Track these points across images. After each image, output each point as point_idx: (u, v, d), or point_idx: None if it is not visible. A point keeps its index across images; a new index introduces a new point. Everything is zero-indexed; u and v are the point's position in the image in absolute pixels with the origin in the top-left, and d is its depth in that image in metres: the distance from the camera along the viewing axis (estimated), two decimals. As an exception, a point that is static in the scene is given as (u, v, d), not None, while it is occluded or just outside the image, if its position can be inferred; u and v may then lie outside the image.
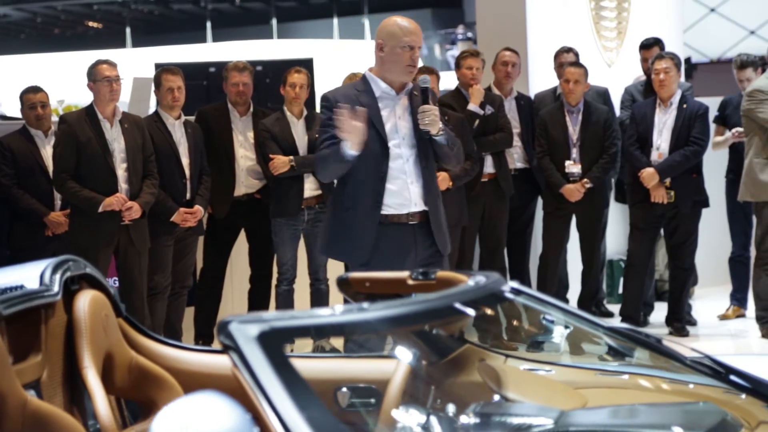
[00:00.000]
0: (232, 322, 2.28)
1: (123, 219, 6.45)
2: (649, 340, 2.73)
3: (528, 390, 2.92)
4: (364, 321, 2.43)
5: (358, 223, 4.84)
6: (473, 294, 2.68)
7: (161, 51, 21.27)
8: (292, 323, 2.36)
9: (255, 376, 2.19)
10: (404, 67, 4.80)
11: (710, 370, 2.69)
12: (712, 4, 18.90)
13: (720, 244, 8.53)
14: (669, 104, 7.48)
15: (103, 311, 3.27)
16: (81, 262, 3.40)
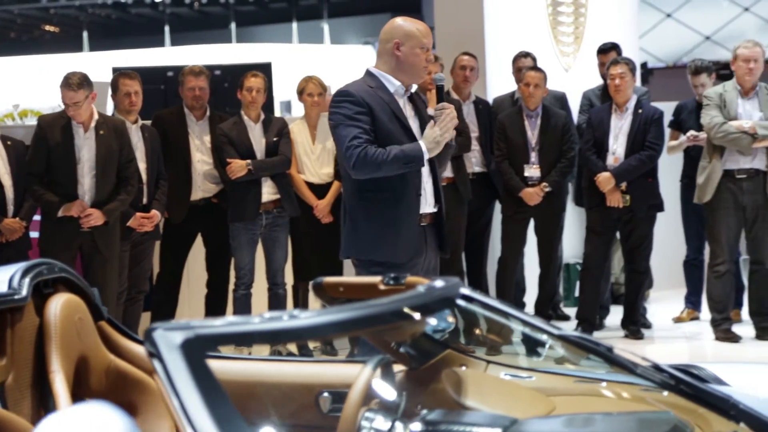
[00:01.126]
0: (158, 329, 2.26)
1: (81, 226, 6.43)
2: (599, 348, 2.68)
3: (493, 398, 2.90)
4: (292, 328, 2.40)
5: (403, 219, 4.67)
6: (420, 300, 2.66)
7: (119, 55, 21.14)
8: (218, 330, 2.33)
9: (173, 385, 2.17)
10: (422, 68, 4.72)
11: (659, 380, 2.69)
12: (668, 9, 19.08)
13: (675, 247, 8.61)
14: (625, 109, 7.54)
15: (76, 315, 3.24)
16: (56, 266, 3.37)
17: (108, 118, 6.69)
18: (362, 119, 4.58)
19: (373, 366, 2.59)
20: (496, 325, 2.97)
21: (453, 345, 2.84)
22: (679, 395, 2.66)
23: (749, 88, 7.29)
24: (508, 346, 3.12)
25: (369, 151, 4.54)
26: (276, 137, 7.13)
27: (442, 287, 2.75)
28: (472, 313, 2.92)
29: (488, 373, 2.98)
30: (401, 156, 4.54)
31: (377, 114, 4.59)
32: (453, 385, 2.87)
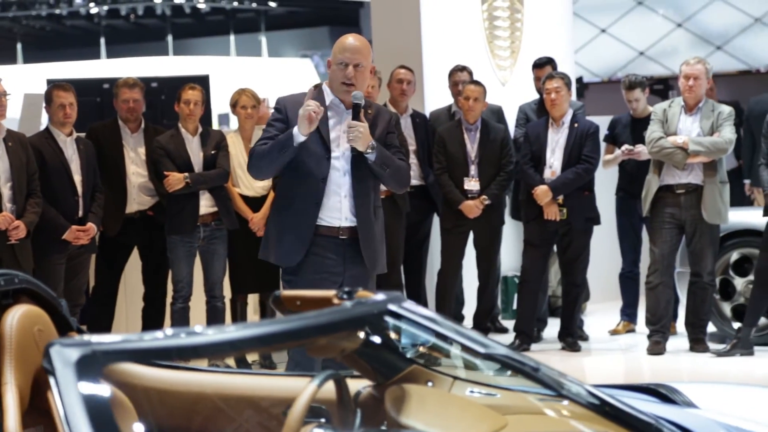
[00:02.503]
0: (55, 345, 2.24)
1: (9, 239, 6.33)
2: (524, 368, 2.65)
3: (441, 415, 2.86)
4: (192, 345, 2.38)
5: (294, 226, 4.84)
6: (344, 315, 2.65)
7: (54, 67, 20.94)
8: (116, 347, 2.32)
9: (62, 403, 2.16)
10: (339, 84, 4.85)
11: (584, 401, 2.68)
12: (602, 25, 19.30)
13: (611, 260, 8.69)
14: (561, 123, 7.62)
15: (35, 326, 3.17)
16: (15, 276, 3.32)
17: (11, 132, 6.60)
18: (275, 125, 4.88)
19: (319, 382, 2.57)
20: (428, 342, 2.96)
21: (418, 360, 2.80)
22: (604, 417, 2.65)
23: (692, 105, 7.41)
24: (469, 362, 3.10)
25: (255, 149, 4.89)
26: (214, 150, 7.10)
27: (370, 303, 2.72)
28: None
29: (444, 390, 2.94)
30: (275, 144, 4.79)
31: (292, 122, 4.79)
32: (404, 403, 2.85)
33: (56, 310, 3.38)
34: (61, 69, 20.15)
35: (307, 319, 2.61)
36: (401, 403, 2.76)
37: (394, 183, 5.03)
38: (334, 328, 2.65)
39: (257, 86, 7.75)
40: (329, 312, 2.67)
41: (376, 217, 4.96)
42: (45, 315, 3.28)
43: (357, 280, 4.81)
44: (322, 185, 4.81)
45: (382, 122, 4.97)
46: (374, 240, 4.92)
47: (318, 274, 4.81)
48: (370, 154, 4.80)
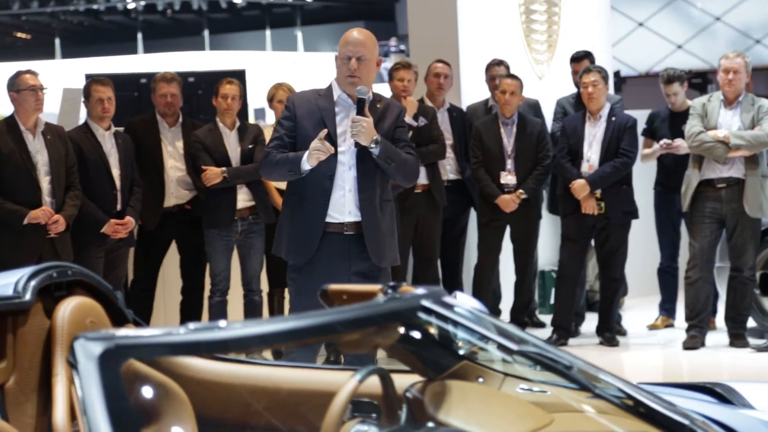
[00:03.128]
0: (80, 339, 2.25)
1: (48, 232, 6.37)
2: (557, 366, 2.62)
3: (479, 412, 2.81)
4: (218, 339, 2.37)
5: (305, 223, 4.91)
6: (376, 311, 2.62)
7: (92, 62, 21.05)
8: (139, 341, 2.32)
9: (83, 397, 2.17)
10: (344, 78, 4.91)
11: (618, 400, 2.62)
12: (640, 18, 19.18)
13: (649, 255, 8.63)
14: (598, 117, 7.57)
15: (87, 318, 3.20)
16: (69, 269, 3.34)
17: (50, 125, 6.65)
18: (284, 124, 4.96)
19: (361, 377, 2.55)
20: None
21: (470, 356, 2.76)
22: (638, 417, 2.61)
23: (732, 99, 7.35)
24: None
25: (270, 156, 4.93)
26: (251, 144, 7.11)
27: (403, 298, 2.69)
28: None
29: (490, 387, 2.89)
30: (285, 161, 4.86)
31: (300, 120, 4.90)
32: (446, 399, 2.81)
33: (111, 303, 3.40)
34: (98, 64, 20.25)
35: (336, 314, 2.59)
36: (443, 400, 2.73)
37: (401, 177, 5.06)
38: (365, 323, 2.62)
39: (293, 81, 7.75)
40: (360, 307, 2.65)
41: (383, 211, 4.97)
42: (98, 307, 3.29)
43: (364, 277, 4.87)
44: (330, 181, 4.87)
45: (391, 116, 5.01)
46: (380, 234, 4.93)
47: (321, 271, 4.84)
48: (374, 149, 4.83)
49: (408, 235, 7.57)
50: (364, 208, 4.88)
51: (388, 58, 25.65)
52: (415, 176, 5.24)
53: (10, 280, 3.20)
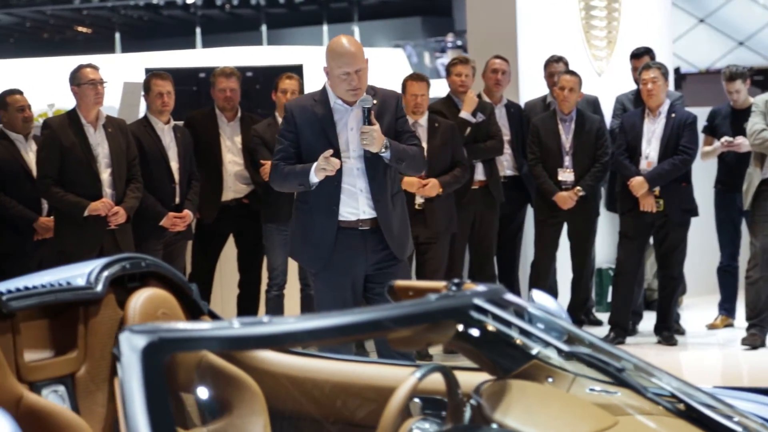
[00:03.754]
0: (125, 332, 2.26)
1: (109, 224, 6.44)
2: (608, 368, 2.59)
3: (538, 413, 2.74)
4: (261, 335, 2.37)
5: (317, 231, 5.05)
6: (425, 308, 2.60)
7: (151, 56, 21.21)
8: (184, 335, 2.32)
9: (124, 390, 2.18)
10: (345, 92, 5.01)
11: (670, 405, 2.57)
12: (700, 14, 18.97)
13: (708, 254, 8.54)
14: (657, 114, 7.50)
15: (159, 309, 3.24)
16: (143, 260, 3.38)
17: (111, 118, 6.71)
18: (287, 136, 5.07)
19: (421, 375, 2.53)
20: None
21: (540, 355, 2.72)
22: (689, 422, 2.56)
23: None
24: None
25: (278, 168, 5.07)
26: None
27: (456, 296, 2.67)
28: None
29: (552, 387, 2.84)
30: (294, 175, 5.00)
31: (301, 129, 5.02)
32: (506, 399, 2.77)
33: (186, 294, 3.43)
34: (157, 58, 20.40)
35: (385, 311, 2.58)
36: (504, 400, 2.69)
37: (412, 171, 5.33)
38: (415, 320, 2.60)
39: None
40: (411, 304, 2.63)
41: (394, 204, 5.11)
42: (171, 299, 3.32)
43: (382, 268, 5.04)
44: (337, 187, 4.99)
45: (389, 110, 5.10)
46: (395, 228, 5.08)
47: (342, 267, 5.03)
48: (385, 153, 4.96)
49: (465, 232, 7.56)
50: (378, 206, 5.03)
51: (446, 54, 25.62)
52: (423, 166, 5.44)
53: (84, 271, 3.25)
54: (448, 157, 7.16)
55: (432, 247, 7.15)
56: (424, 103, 7.16)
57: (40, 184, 6.51)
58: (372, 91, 5.11)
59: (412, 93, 7.13)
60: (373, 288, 5.10)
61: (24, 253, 6.83)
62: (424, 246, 7.15)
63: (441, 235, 7.17)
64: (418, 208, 7.07)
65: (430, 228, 7.09)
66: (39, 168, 6.55)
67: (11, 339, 3.06)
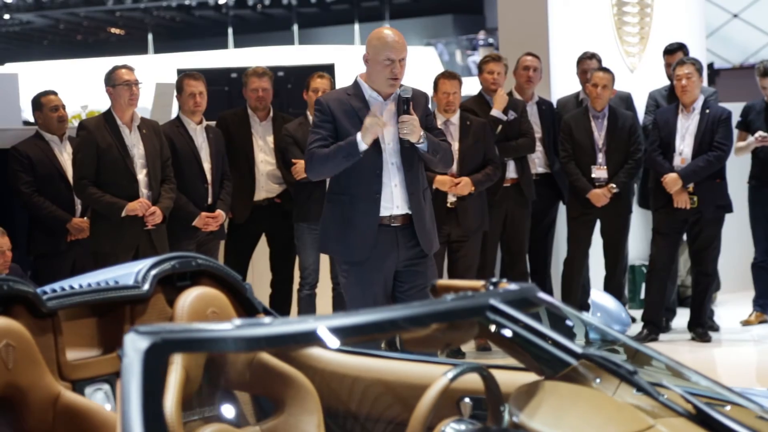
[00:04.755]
0: (131, 333, 2.26)
1: (146, 224, 6.47)
2: (620, 371, 2.53)
3: (566, 416, 2.67)
4: (261, 336, 2.35)
5: (357, 221, 5.06)
6: (439, 308, 2.57)
7: (183, 57, 21.31)
8: (187, 336, 2.32)
9: (123, 390, 2.19)
10: (385, 80, 5.04)
11: (682, 409, 2.50)
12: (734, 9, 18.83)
13: (743, 249, 8.49)
14: (692, 109, 7.46)
15: (209, 308, 3.24)
16: (194, 259, 3.40)
17: (145, 119, 6.76)
18: (324, 126, 5.05)
19: (453, 375, 2.51)
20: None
21: (589, 355, 2.65)
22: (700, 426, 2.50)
23: None
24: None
25: (315, 152, 5.04)
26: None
27: (472, 297, 2.64)
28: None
29: (590, 387, 2.78)
30: (337, 149, 4.96)
31: (340, 121, 5.02)
32: (536, 400, 2.73)
33: (241, 293, 3.43)
34: (190, 59, 20.49)
35: (399, 311, 2.56)
36: (534, 401, 2.66)
37: (442, 165, 5.34)
38: (428, 320, 2.57)
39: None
40: (426, 304, 2.61)
41: (425, 199, 5.16)
42: (222, 297, 3.32)
43: (411, 265, 5.09)
44: (378, 178, 5.02)
45: (420, 107, 5.15)
46: (426, 222, 5.14)
47: (374, 262, 5.05)
48: (423, 144, 5.01)
49: (497, 229, 7.55)
50: (412, 201, 5.08)
51: (477, 52, 25.57)
52: (452, 162, 5.48)
53: (133, 270, 3.27)
54: (480, 156, 7.16)
55: (464, 245, 7.15)
56: (456, 101, 7.16)
57: (77, 185, 6.56)
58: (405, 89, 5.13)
59: (444, 91, 7.13)
60: (401, 286, 5.14)
61: (57, 253, 6.89)
62: (457, 244, 7.15)
63: (473, 233, 7.17)
64: (451, 207, 7.08)
65: (462, 226, 7.10)
66: (76, 169, 6.59)
67: (52, 338, 3.09)
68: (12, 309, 3.05)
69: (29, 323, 3.01)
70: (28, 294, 3.06)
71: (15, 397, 2.87)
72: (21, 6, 29.14)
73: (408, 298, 5.08)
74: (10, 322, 2.90)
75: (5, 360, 2.82)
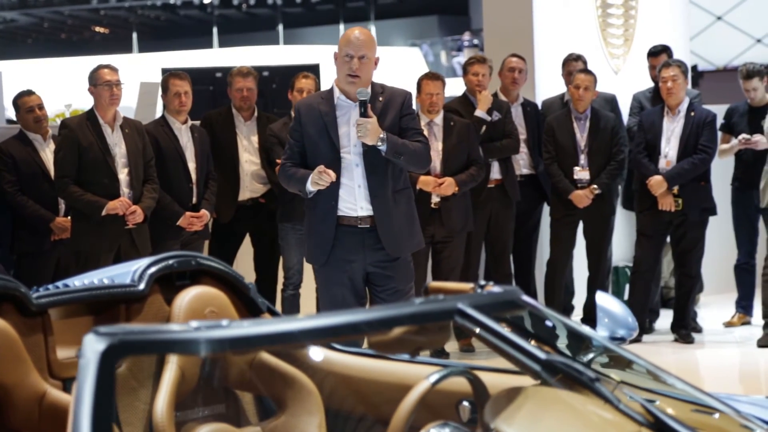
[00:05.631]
0: (91, 333, 2.25)
1: (127, 223, 6.46)
2: (581, 378, 2.50)
3: (545, 423, 2.62)
4: (218, 338, 2.35)
5: (318, 226, 5.13)
6: (406, 312, 2.56)
7: (168, 56, 21.24)
8: (144, 338, 2.31)
9: (77, 392, 2.18)
10: (344, 76, 5.06)
11: (641, 418, 2.46)
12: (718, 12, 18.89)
13: (726, 251, 8.52)
14: (677, 112, 7.48)
15: (207, 308, 3.23)
16: (193, 258, 3.39)
17: (128, 119, 6.74)
18: (293, 135, 5.21)
19: (435, 380, 2.49)
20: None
21: (552, 361, 2.60)
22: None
23: None
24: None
25: (284, 168, 5.20)
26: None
27: (440, 300, 2.63)
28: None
29: (576, 394, 2.77)
30: (294, 181, 5.13)
31: (306, 129, 5.11)
32: (517, 406, 2.70)
33: (244, 293, 3.41)
34: (174, 58, 20.43)
35: (364, 314, 2.55)
36: (512, 407, 2.62)
37: (413, 167, 5.31)
38: (394, 324, 2.56)
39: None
40: (392, 307, 2.61)
41: (396, 201, 5.13)
42: (222, 297, 3.30)
43: (381, 266, 5.09)
44: (336, 182, 5.03)
45: (394, 107, 5.14)
46: (394, 225, 5.10)
47: (338, 263, 5.10)
48: (382, 146, 5.00)
49: (481, 230, 7.56)
50: (375, 203, 5.06)
51: (462, 53, 25.58)
52: (427, 163, 5.41)
53: (131, 268, 3.26)
54: (463, 156, 7.17)
55: (448, 245, 7.16)
56: (439, 102, 7.17)
57: (58, 183, 6.54)
58: (380, 88, 5.16)
59: (427, 92, 7.14)
60: (374, 288, 5.16)
61: (41, 252, 6.88)
62: (440, 245, 7.16)
63: (457, 233, 7.17)
64: (434, 207, 7.08)
65: (446, 227, 7.10)
66: (57, 167, 6.58)
67: (42, 336, 3.09)
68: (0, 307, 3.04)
69: (17, 321, 3.00)
70: (15, 292, 3.05)
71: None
72: (5, 4, 29.04)
73: (381, 301, 5.11)
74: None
75: None
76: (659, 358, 6.78)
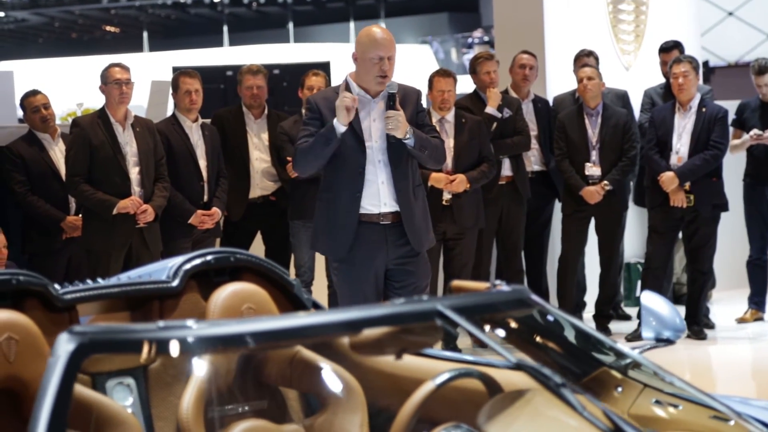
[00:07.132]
0: (65, 332, 2.25)
1: (137, 222, 6.47)
2: (548, 383, 2.45)
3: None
4: (181, 337, 2.33)
5: (339, 219, 5.09)
6: (385, 313, 2.56)
7: (178, 55, 21.29)
8: (114, 337, 2.31)
9: (42, 389, 2.19)
10: (374, 78, 5.04)
11: (605, 426, 2.42)
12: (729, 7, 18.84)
13: (738, 247, 8.50)
14: (688, 108, 7.46)
15: (245, 304, 3.21)
16: (232, 255, 3.37)
17: (139, 118, 6.75)
18: (312, 123, 5.09)
19: (441, 381, 2.47)
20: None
21: (522, 365, 2.58)
22: None
23: None
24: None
25: (299, 146, 5.08)
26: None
27: (420, 301, 2.62)
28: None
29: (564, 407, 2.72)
30: (317, 138, 4.99)
31: (326, 118, 5.02)
32: (511, 413, 2.68)
33: (288, 289, 3.40)
34: (185, 57, 20.47)
35: (340, 314, 2.55)
36: (498, 415, 2.60)
37: (433, 162, 5.29)
38: (377, 323, 2.57)
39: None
40: (372, 308, 2.61)
41: (416, 196, 5.14)
42: (262, 293, 3.28)
43: (402, 263, 5.08)
44: (361, 175, 5.02)
45: (410, 104, 5.14)
46: (416, 220, 5.11)
47: (362, 260, 5.07)
48: (409, 140, 5.00)
49: (492, 227, 7.55)
50: (400, 199, 5.06)
51: (472, 50, 25.57)
52: (444, 159, 5.46)
53: (168, 264, 3.26)
54: (475, 153, 7.16)
55: (460, 242, 7.15)
56: (450, 99, 7.16)
57: (70, 182, 6.55)
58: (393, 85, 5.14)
59: (438, 89, 7.13)
60: (392, 285, 5.14)
61: (52, 251, 6.89)
62: (452, 242, 7.15)
63: (468, 230, 7.17)
64: (446, 204, 7.07)
65: (457, 223, 7.10)
66: (68, 166, 6.59)
67: None
68: (24, 302, 3.04)
69: (41, 317, 3.00)
70: (39, 287, 3.05)
71: (17, 390, 2.87)
72: (16, 4, 29.11)
73: (399, 297, 5.06)
74: (14, 315, 2.90)
75: (6, 353, 2.82)
76: (671, 355, 6.77)
